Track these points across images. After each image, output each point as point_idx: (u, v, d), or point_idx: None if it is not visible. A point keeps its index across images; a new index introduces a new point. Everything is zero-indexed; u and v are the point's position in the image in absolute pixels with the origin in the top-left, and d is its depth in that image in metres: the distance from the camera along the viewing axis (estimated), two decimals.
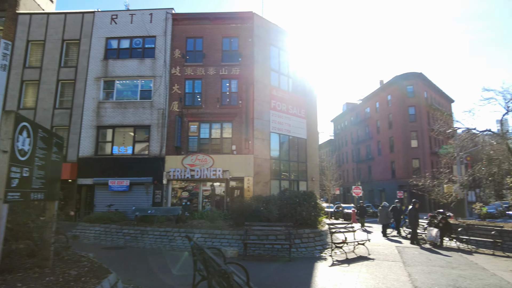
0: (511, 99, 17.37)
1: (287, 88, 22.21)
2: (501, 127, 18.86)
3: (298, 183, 21.94)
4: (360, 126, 58.34)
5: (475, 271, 8.66)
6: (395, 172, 47.22)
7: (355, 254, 10.97)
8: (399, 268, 8.90)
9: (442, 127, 22.02)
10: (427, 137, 44.99)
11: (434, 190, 22.05)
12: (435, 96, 52.59)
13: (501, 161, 18.46)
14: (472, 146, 24.49)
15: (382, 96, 51.99)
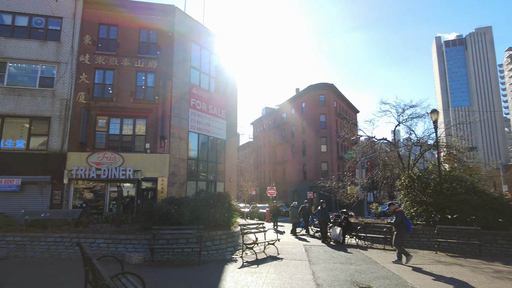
0: (402, 113, 19.97)
1: (208, 88, 21.87)
2: (394, 136, 21.51)
3: (216, 184, 21.77)
4: (277, 130, 60.95)
5: (368, 265, 9.58)
6: (306, 174, 50.43)
7: (265, 254, 11.22)
8: (304, 267, 9.35)
9: (347, 134, 24.18)
10: (335, 143, 49.20)
11: (339, 191, 24.09)
12: (343, 106, 57.83)
13: (393, 166, 21.00)
14: (372, 152, 27.47)
15: (297, 103, 55.15)
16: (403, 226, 10.22)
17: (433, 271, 8.83)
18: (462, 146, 21.12)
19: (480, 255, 11.29)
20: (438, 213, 14.27)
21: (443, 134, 20.41)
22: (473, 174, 16.86)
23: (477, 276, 8.19)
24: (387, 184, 22.96)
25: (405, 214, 10.44)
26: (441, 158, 17.90)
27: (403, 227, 10.23)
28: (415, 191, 15.66)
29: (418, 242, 13.51)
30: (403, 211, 10.67)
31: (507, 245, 11.81)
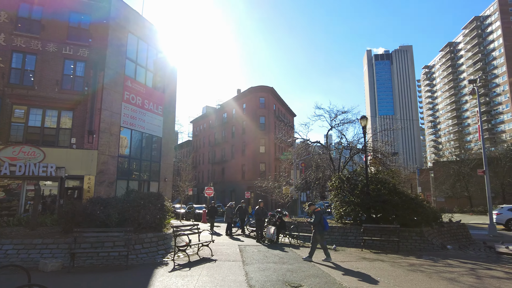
0: (334, 118, 21.15)
1: (144, 82, 20.75)
2: (326, 140, 22.68)
3: (149, 183, 20.74)
4: (218, 130, 60.52)
5: (300, 264, 9.85)
6: (245, 174, 50.86)
7: (199, 256, 10.92)
8: (238, 267, 9.28)
9: (284, 136, 24.88)
10: (273, 144, 50.44)
11: (275, 191, 24.65)
12: (282, 109, 59.58)
13: (325, 168, 22.12)
14: (306, 154, 28.64)
15: (238, 103, 55.41)
16: (321, 226, 10.84)
17: (359, 267, 9.40)
18: (386, 151, 23.03)
19: (398, 251, 12.35)
20: (364, 212, 15.30)
21: (371, 139, 22.06)
22: (395, 177, 18.47)
23: (395, 270, 8.90)
24: (319, 185, 24.12)
25: (323, 214, 11.10)
26: (368, 161, 19.28)
27: (320, 227, 10.84)
28: (344, 191, 16.62)
29: (346, 240, 14.34)
30: (321, 211, 11.33)
31: (420, 241, 13.11)
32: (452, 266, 9.58)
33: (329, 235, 14.88)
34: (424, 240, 13.05)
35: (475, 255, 11.63)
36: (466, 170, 44.91)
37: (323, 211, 42.49)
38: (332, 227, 15.30)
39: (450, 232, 14.95)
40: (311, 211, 11.74)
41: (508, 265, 9.77)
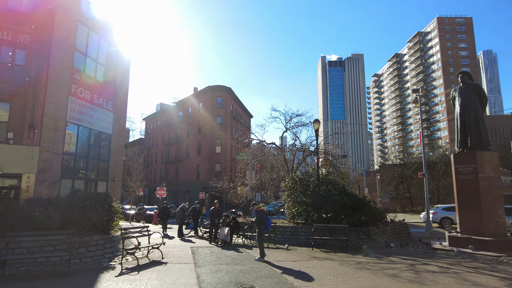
0: (289, 120, 21.62)
1: (94, 75, 19.55)
2: (281, 141, 23.12)
3: (97, 183, 19.57)
4: (172, 128, 58.98)
5: (253, 264, 9.89)
6: (200, 174, 50.13)
7: (148, 259, 10.51)
8: (190, 270, 9.07)
9: (241, 137, 24.92)
10: (229, 144, 50.30)
11: (230, 191, 24.58)
12: (239, 109, 59.65)
13: (280, 169, 22.53)
14: (262, 155, 28.94)
15: (195, 102, 54.49)
16: (263, 224, 11.10)
17: (310, 266, 9.66)
18: (337, 154, 24.00)
19: (347, 249, 12.91)
20: (315, 212, 15.80)
21: (323, 142, 22.87)
22: (344, 178, 19.35)
23: (344, 268, 9.28)
24: (273, 185, 24.54)
25: (265, 213, 11.40)
26: (320, 163, 19.95)
27: (263, 225, 11.10)
28: (297, 192, 17.04)
29: (298, 239, 14.69)
30: (264, 210, 11.62)
31: (367, 239, 13.83)
32: (394, 262, 10.21)
33: (281, 235, 15.15)
34: (370, 239, 13.78)
35: (414, 252, 12.53)
36: (408, 173, 48.35)
37: (274, 211, 43.12)
38: (284, 227, 15.59)
39: (393, 230, 15.96)
40: (255, 210, 11.97)
41: (441, 260, 10.65)
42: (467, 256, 11.28)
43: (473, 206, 12.51)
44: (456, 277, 8.10)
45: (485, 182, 12.42)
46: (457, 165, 13.19)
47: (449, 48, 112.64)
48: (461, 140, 13.40)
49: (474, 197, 12.50)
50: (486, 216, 12.16)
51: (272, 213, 43.05)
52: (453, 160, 13.51)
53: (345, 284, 7.47)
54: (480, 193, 12.32)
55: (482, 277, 8.09)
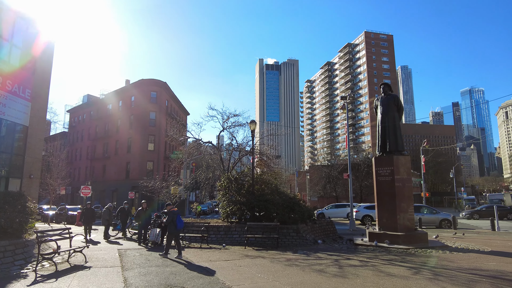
0: (226, 120, 21.66)
1: (8, 58, 17.22)
2: (218, 141, 23.05)
3: (9, 180, 17.28)
4: (101, 122, 54.95)
5: (184, 265, 9.68)
6: (129, 172, 47.49)
7: (69, 264, 9.63)
8: (116, 274, 8.54)
9: (176, 134, 24.21)
10: (163, 142, 48.53)
11: (162, 191, 23.72)
12: (174, 106, 57.91)
13: (215, 168, 22.42)
14: (197, 154, 28.49)
15: (126, 95, 51.48)
16: (173, 225, 11.25)
17: (242, 265, 9.78)
18: (271, 154, 24.69)
19: (277, 247, 13.36)
20: (249, 211, 16.07)
21: (258, 143, 23.36)
22: (277, 178, 20.00)
23: (274, 266, 9.59)
24: (208, 185, 24.29)
25: (177, 214, 11.56)
26: (255, 163, 20.35)
27: (173, 225, 11.26)
28: (232, 191, 17.14)
29: (231, 238, 14.78)
30: (175, 211, 11.76)
31: (296, 237, 14.48)
32: (321, 258, 10.86)
33: (215, 235, 15.10)
34: (299, 236, 14.46)
35: (339, 248, 13.47)
36: (335, 174, 51.81)
37: (209, 210, 42.84)
38: (218, 226, 15.56)
39: (321, 228, 16.95)
40: (168, 210, 12.06)
41: (362, 254, 11.63)
42: (383, 250, 12.48)
43: (389, 204, 13.87)
44: (373, 269, 8.91)
45: (400, 183, 13.87)
46: (377, 167, 14.52)
47: (374, 60, 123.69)
48: (381, 145, 14.77)
49: (390, 196, 13.88)
50: (399, 213, 13.59)
51: (206, 213, 42.63)
52: (374, 163, 14.83)
53: (276, 281, 7.72)
54: (396, 193, 13.73)
55: (394, 268, 9.03)
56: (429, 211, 25.39)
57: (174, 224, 11.20)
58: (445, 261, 10.04)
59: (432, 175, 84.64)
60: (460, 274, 8.32)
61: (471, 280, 7.68)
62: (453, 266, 9.26)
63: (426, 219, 23.72)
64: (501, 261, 10.13)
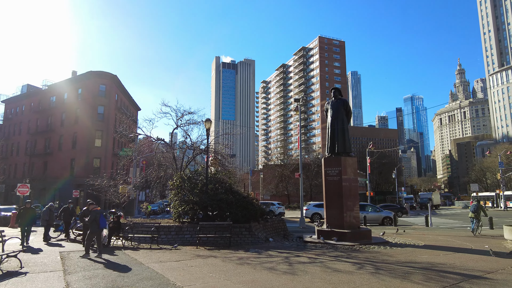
0: (180, 117, 21.27)
1: None
2: (171, 138, 22.55)
3: None
4: (42, 115, 50.86)
5: (133, 267, 9.36)
6: (74, 170, 44.59)
7: (1, 271, 8.84)
8: (57, 279, 8.01)
9: (126, 131, 23.23)
10: (112, 138, 46.18)
11: (110, 190, 22.63)
12: (125, 101, 55.40)
13: (168, 167, 21.91)
14: (149, 152, 27.57)
15: (72, 88, 48.23)
16: (96, 224, 11.28)
17: (193, 265, 9.69)
18: (225, 153, 24.69)
19: (230, 246, 13.41)
20: (202, 211, 15.92)
21: (213, 142, 23.23)
22: (231, 177, 20.03)
23: (226, 265, 9.64)
24: (160, 184, 23.64)
25: (100, 213, 11.59)
26: (209, 162, 20.23)
27: (95, 225, 11.28)
28: (185, 191, 16.85)
29: (183, 239, 14.53)
30: (98, 210, 11.76)
31: (248, 235, 14.65)
32: (272, 256, 11.12)
33: (165, 235, 14.75)
34: (252, 235, 14.64)
35: (289, 245, 13.88)
36: (287, 173, 53.16)
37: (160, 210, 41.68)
38: (169, 226, 15.22)
39: (272, 226, 17.31)
40: (90, 209, 11.99)
41: (311, 251, 12.12)
42: (331, 246, 13.10)
43: (337, 203, 14.59)
44: (321, 266, 9.34)
45: (347, 183, 14.64)
46: (327, 168, 15.19)
47: (327, 65, 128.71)
48: (330, 146, 15.48)
49: (338, 195, 14.60)
50: (346, 211, 14.34)
51: (157, 212, 41.39)
52: (323, 164, 15.50)
53: (227, 281, 7.78)
54: (343, 192, 14.47)
55: (340, 264, 9.55)
56: (373, 209, 27.10)
57: (96, 223, 11.25)
58: (385, 256, 10.82)
59: (377, 175, 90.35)
60: (398, 267, 9.04)
61: (407, 272, 8.39)
62: (392, 260, 10.02)
63: (370, 217, 25.29)
64: (432, 254, 11.16)
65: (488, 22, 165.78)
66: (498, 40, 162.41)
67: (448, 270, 8.63)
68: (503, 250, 12.04)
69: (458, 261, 9.94)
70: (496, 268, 8.87)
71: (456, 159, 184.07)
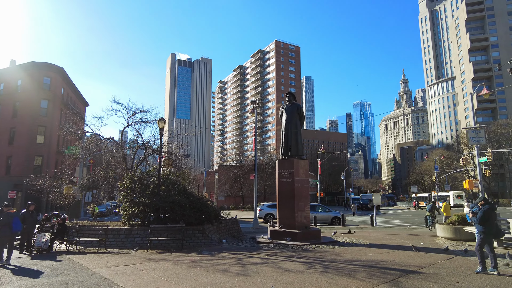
0: (132, 115, 20.49)
1: None
2: (121, 137, 21.59)
3: None
4: None
5: (78, 273, 8.87)
6: (11, 168, 40.89)
7: None
8: None
9: (72, 128, 21.84)
10: (56, 135, 43.06)
11: (53, 191, 21.12)
12: (72, 95, 52.05)
13: (117, 167, 20.96)
14: (97, 151, 26.16)
15: (10, 78, 44.12)
16: (8, 227, 10.65)
17: (144, 269, 9.43)
18: (180, 153, 24.23)
19: (182, 249, 13.22)
20: (153, 213, 15.49)
21: (167, 142, 22.68)
22: (185, 178, 19.74)
23: (178, 268, 9.51)
24: (108, 185, 22.54)
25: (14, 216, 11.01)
26: (162, 162, 19.72)
27: (7, 228, 10.65)
28: (135, 192, 16.27)
29: (133, 242, 14.04)
30: (12, 213, 11.15)
31: (202, 238, 14.56)
32: (225, 258, 11.18)
33: (114, 238, 14.16)
34: (205, 237, 14.57)
35: (242, 246, 14.03)
36: (242, 174, 53.48)
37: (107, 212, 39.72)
38: (118, 229, 14.63)
39: (226, 227, 17.35)
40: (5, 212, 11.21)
41: (263, 252, 12.37)
42: (282, 247, 13.47)
43: (289, 203, 15.03)
44: (273, 266, 9.60)
45: (299, 184, 15.15)
46: (280, 169, 15.60)
47: (282, 69, 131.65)
48: (284, 149, 15.92)
49: (290, 196, 15.04)
50: (297, 212, 14.83)
51: (105, 214, 39.39)
52: (277, 165, 15.89)
53: (179, 284, 7.70)
54: (295, 193, 14.94)
55: (291, 264, 9.89)
56: (323, 210, 28.26)
57: (9, 227, 10.58)
58: (334, 255, 11.39)
59: (327, 176, 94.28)
60: (345, 265, 9.58)
61: (353, 270, 8.93)
62: (340, 259, 10.59)
63: (320, 217, 26.33)
64: (375, 252, 11.97)
65: (428, 38, 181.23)
66: (435, 55, 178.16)
67: (389, 266, 9.34)
68: (436, 246, 13.28)
69: (398, 258, 10.78)
70: (429, 263, 9.78)
71: (399, 163, 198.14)
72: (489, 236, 8.58)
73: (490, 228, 8.54)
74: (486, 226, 8.50)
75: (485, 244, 8.52)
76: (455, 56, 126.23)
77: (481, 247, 8.49)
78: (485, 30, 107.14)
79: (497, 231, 8.92)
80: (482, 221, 8.52)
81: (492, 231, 8.61)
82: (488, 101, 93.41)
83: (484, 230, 8.49)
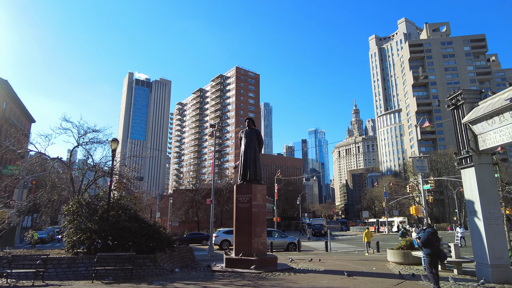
0: (83, 135, 19.37)
1: None
2: (70, 157, 20.21)
3: None
4: None
5: None
6: None
7: None
8: None
9: (14, 146, 20.07)
10: None
11: None
12: (16, 110, 48.41)
13: (63, 189, 19.46)
14: (41, 171, 24.18)
15: None
16: None
17: None
18: (132, 176, 23.15)
19: (131, 279, 12.32)
20: (101, 240, 14.41)
21: (119, 164, 21.60)
22: (137, 203, 18.79)
23: None
24: (52, 208, 20.73)
25: None
26: (113, 185, 18.67)
27: None
28: (82, 217, 15.09)
29: (76, 272, 12.84)
30: None
31: (153, 267, 13.72)
32: None
33: (54, 269, 12.86)
34: (156, 266, 13.76)
35: (196, 276, 13.42)
36: (198, 198, 52.10)
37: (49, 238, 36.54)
38: (59, 258, 13.34)
39: (179, 255, 16.57)
40: None
41: (218, 281, 11.91)
42: (238, 275, 13.09)
43: (246, 229, 14.79)
44: None
45: (256, 209, 15.05)
46: (238, 194, 15.43)
47: (242, 94, 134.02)
48: (242, 174, 15.86)
49: (247, 222, 14.85)
50: (254, 237, 14.62)
51: (45, 241, 35.91)
52: (235, 190, 15.72)
53: None
54: (252, 219, 14.79)
55: None
56: (279, 235, 28.22)
57: None
58: (290, 283, 11.27)
59: (283, 201, 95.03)
60: None
61: None
62: (296, 287, 10.48)
63: (277, 243, 26.22)
64: (330, 279, 12.06)
65: (377, 72, 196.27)
66: (384, 88, 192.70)
67: None
68: (386, 271, 13.71)
69: (352, 284, 10.93)
70: None
71: (351, 188, 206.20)
72: (433, 257, 9.14)
73: (433, 249, 9.14)
74: (429, 248, 9.12)
75: (432, 265, 9.04)
76: (401, 90, 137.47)
77: (430, 269, 8.98)
78: (425, 69, 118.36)
79: (440, 254, 9.50)
80: (425, 244, 9.14)
81: (435, 252, 9.20)
82: (429, 132, 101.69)
83: (429, 252, 9.08)
